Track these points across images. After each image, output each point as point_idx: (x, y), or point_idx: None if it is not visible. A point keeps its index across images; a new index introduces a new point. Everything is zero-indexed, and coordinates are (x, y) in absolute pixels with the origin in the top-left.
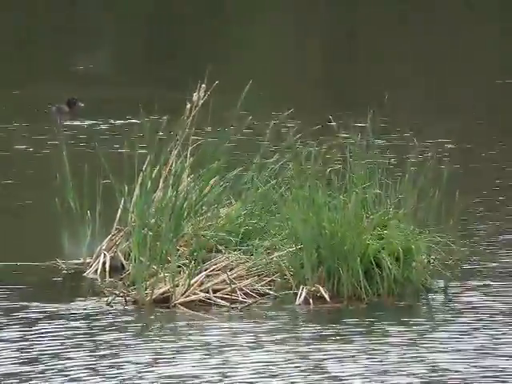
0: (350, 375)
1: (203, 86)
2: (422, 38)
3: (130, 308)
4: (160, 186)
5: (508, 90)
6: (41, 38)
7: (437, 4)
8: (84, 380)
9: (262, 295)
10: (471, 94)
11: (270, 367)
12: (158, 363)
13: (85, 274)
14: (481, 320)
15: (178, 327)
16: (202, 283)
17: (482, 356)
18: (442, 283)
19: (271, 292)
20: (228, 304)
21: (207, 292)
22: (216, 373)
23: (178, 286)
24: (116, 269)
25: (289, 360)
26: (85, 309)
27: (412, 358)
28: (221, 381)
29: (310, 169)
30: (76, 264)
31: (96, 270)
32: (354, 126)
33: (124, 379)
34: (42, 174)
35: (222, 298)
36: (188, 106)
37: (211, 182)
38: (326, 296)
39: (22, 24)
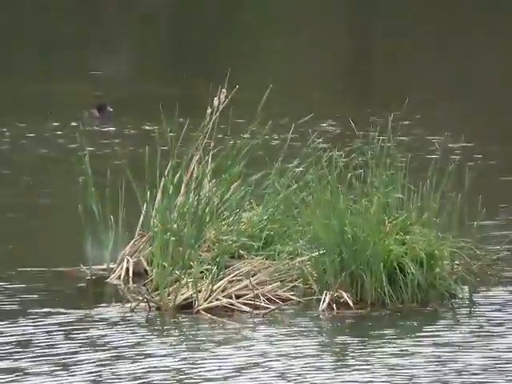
0: (375, 381)
1: (223, 90)
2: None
3: (153, 314)
4: (182, 191)
5: None
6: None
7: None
8: None
9: (285, 301)
10: (497, 96)
11: (291, 373)
12: (181, 369)
13: (108, 280)
14: (506, 326)
15: (201, 333)
16: (224, 289)
17: (509, 361)
18: (466, 289)
19: (294, 297)
20: (251, 310)
21: (230, 298)
22: (240, 378)
23: (200, 291)
24: (139, 274)
25: (311, 366)
26: (108, 315)
27: (437, 363)
28: None
29: (331, 173)
30: (99, 270)
31: (119, 276)
32: (376, 131)
33: None
34: (66, 179)
35: (245, 304)
36: (209, 110)
37: (233, 186)
38: (350, 302)
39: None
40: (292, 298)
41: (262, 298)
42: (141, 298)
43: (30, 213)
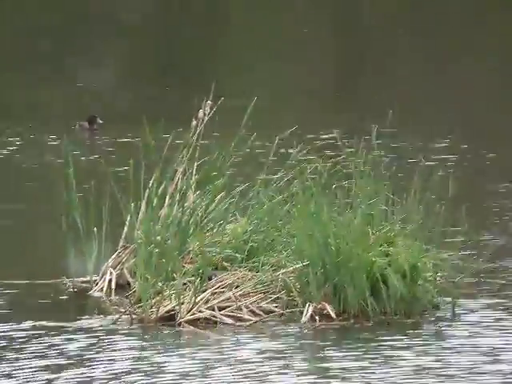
0: None
1: (209, 102)
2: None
3: (135, 326)
4: (166, 203)
5: None
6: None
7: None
8: None
9: (268, 313)
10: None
11: None
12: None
13: (91, 292)
14: (489, 337)
15: (182, 345)
16: (207, 301)
17: (490, 372)
18: (449, 300)
19: (277, 309)
20: (234, 322)
21: (213, 310)
22: None
23: (183, 303)
24: (122, 286)
25: (293, 378)
26: (90, 327)
27: (418, 376)
28: None
29: (315, 185)
30: (82, 282)
31: (102, 288)
32: (359, 142)
33: None
34: (50, 191)
35: (228, 316)
36: (194, 122)
37: (217, 198)
38: (332, 313)
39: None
40: (275, 309)
41: (244, 309)
42: (123, 311)
43: (12, 224)
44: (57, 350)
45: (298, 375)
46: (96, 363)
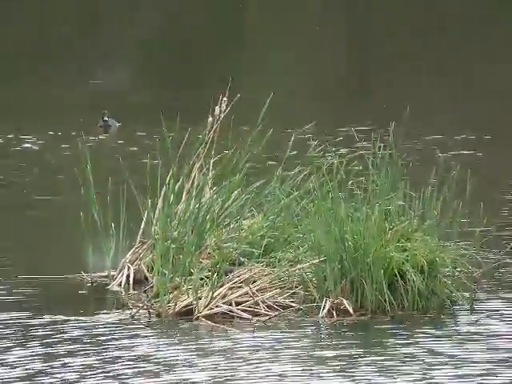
0: None
1: (225, 99)
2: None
3: (153, 321)
4: (183, 199)
5: None
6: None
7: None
8: None
9: (285, 308)
10: (498, 105)
11: (291, 379)
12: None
13: (109, 287)
14: (507, 333)
15: (200, 339)
16: (224, 296)
17: (509, 367)
18: (467, 296)
19: (294, 304)
20: (251, 317)
21: (230, 304)
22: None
23: (200, 298)
24: (140, 281)
25: (311, 373)
26: (109, 322)
27: (437, 371)
28: None
29: (331, 180)
30: (100, 277)
31: (120, 283)
32: (376, 138)
33: None
34: (68, 187)
35: (245, 311)
36: (210, 119)
37: (233, 194)
38: (350, 309)
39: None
40: (292, 304)
41: (261, 304)
42: (141, 305)
43: (32, 220)
44: (75, 343)
45: (316, 371)
46: (114, 357)
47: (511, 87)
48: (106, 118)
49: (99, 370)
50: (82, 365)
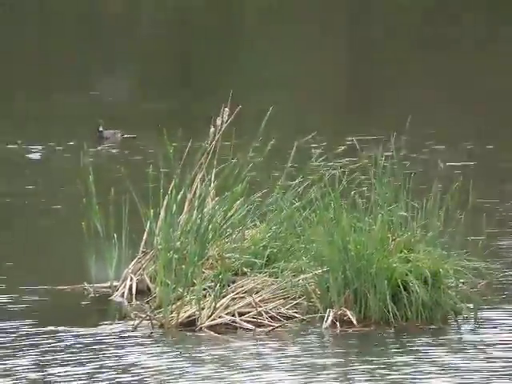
0: None
1: (226, 109)
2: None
3: (156, 331)
4: (185, 209)
5: None
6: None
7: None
8: None
9: (288, 318)
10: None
11: None
12: None
13: (112, 298)
14: (510, 344)
15: (202, 350)
16: (227, 306)
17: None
18: (471, 307)
19: (297, 315)
20: (254, 327)
21: (233, 315)
22: None
23: (203, 309)
24: (142, 292)
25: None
26: (111, 332)
27: (442, 381)
28: None
29: (334, 191)
30: (103, 287)
31: (123, 294)
32: (378, 149)
33: None
34: (70, 197)
35: (248, 322)
36: (212, 129)
37: (236, 204)
38: (353, 319)
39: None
40: (295, 315)
41: (265, 315)
42: (144, 316)
43: (34, 230)
44: (78, 354)
45: (319, 381)
46: (117, 367)
47: None
48: (100, 129)
49: (101, 381)
50: (84, 374)
